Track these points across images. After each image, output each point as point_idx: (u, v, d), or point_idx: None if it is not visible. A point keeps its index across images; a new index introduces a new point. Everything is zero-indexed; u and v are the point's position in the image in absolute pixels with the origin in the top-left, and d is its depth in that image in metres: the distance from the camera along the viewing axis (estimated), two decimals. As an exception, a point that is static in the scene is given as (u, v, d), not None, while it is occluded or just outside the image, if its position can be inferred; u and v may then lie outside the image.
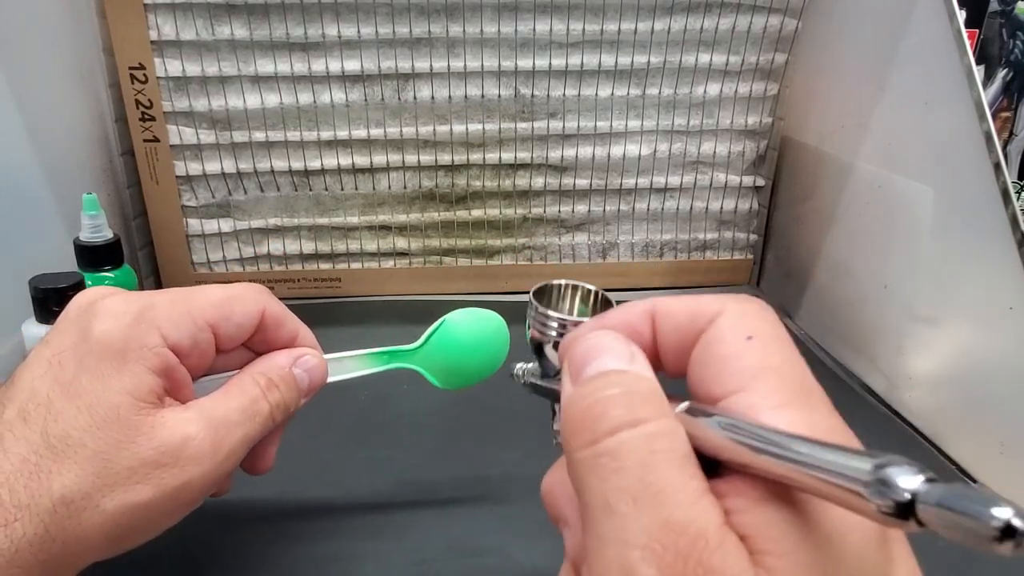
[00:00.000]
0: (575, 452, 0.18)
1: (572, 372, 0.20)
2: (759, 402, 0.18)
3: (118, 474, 0.25)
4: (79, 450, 0.24)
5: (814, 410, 0.18)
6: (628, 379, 0.19)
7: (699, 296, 0.21)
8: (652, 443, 0.17)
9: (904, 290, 0.50)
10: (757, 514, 0.17)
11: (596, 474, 0.18)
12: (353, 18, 0.57)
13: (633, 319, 0.22)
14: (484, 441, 0.45)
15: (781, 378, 0.19)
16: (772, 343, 0.20)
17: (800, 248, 0.64)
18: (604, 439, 0.18)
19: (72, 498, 0.24)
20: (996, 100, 0.95)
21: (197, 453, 0.26)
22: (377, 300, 0.65)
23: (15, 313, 0.43)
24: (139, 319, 0.27)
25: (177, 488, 0.26)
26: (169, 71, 0.57)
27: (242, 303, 0.30)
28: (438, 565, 0.35)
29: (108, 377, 0.26)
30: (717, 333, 0.20)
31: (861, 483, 0.14)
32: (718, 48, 0.61)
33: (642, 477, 0.17)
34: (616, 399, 0.18)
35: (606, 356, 0.20)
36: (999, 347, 0.42)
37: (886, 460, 0.14)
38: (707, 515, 0.16)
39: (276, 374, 0.30)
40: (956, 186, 0.45)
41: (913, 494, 0.14)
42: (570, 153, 0.63)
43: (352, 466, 0.42)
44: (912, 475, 0.14)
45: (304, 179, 0.62)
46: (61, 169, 0.53)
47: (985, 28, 0.93)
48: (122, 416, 0.25)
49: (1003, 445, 0.42)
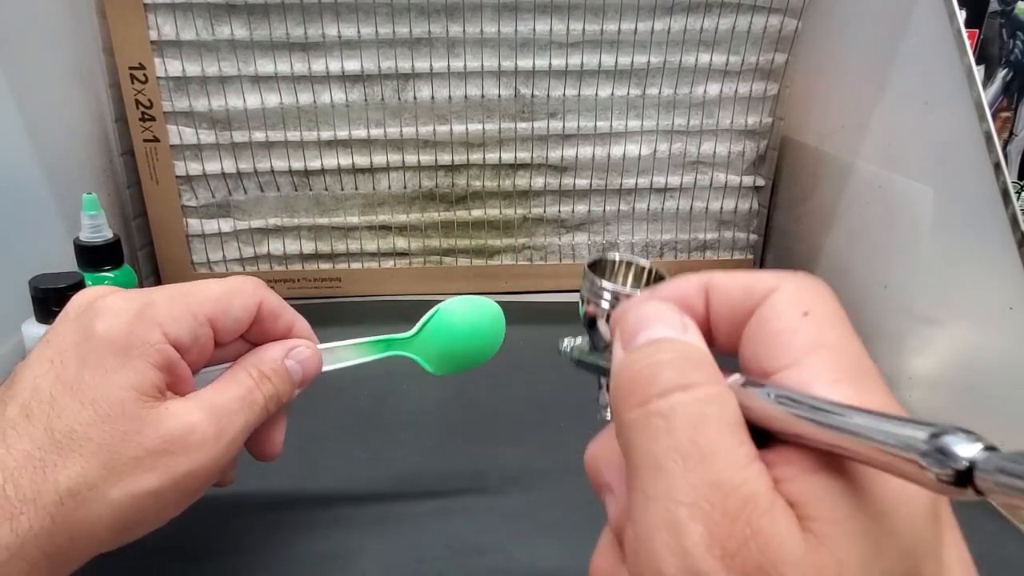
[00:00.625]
0: (626, 413, 0.18)
1: (624, 339, 0.20)
2: (813, 377, 0.18)
3: (125, 464, 0.25)
4: (84, 444, 0.25)
5: (869, 388, 0.18)
6: (680, 346, 0.19)
7: (755, 272, 0.21)
8: (704, 407, 0.17)
9: (904, 290, 0.50)
10: (808, 482, 0.17)
11: (647, 434, 0.18)
12: (353, 18, 0.57)
13: (687, 292, 0.22)
14: (484, 440, 0.45)
15: (836, 355, 0.19)
16: (828, 320, 0.19)
17: (800, 248, 0.64)
18: (656, 400, 0.18)
19: (78, 490, 0.24)
20: (996, 100, 0.95)
21: (202, 440, 0.27)
22: (377, 300, 0.65)
23: (15, 313, 0.43)
24: (140, 316, 0.27)
25: (184, 475, 0.26)
26: (169, 71, 0.57)
27: (240, 297, 0.30)
28: (438, 564, 0.35)
29: (111, 373, 0.26)
30: (772, 309, 0.20)
31: (918, 452, 0.14)
32: (718, 48, 0.61)
33: (693, 438, 0.17)
34: (669, 363, 0.19)
35: (659, 325, 0.20)
36: (999, 347, 0.42)
37: (943, 428, 0.14)
38: (757, 479, 0.17)
39: (268, 367, 0.31)
40: (956, 186, 0.45)
41: (971, 462, 0.14)
42: (570, 153, 0.63)
43: (352, 465, 0.42)
44: (970, 443, 0.14)
45: (304, 179, 0.62)
46: (61, 169, 0.53)
47: (985, 28, 0.93)
48: (127, 410, 0.25)
49: (1003, 445, 0.42)
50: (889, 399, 0.18)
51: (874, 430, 0.15)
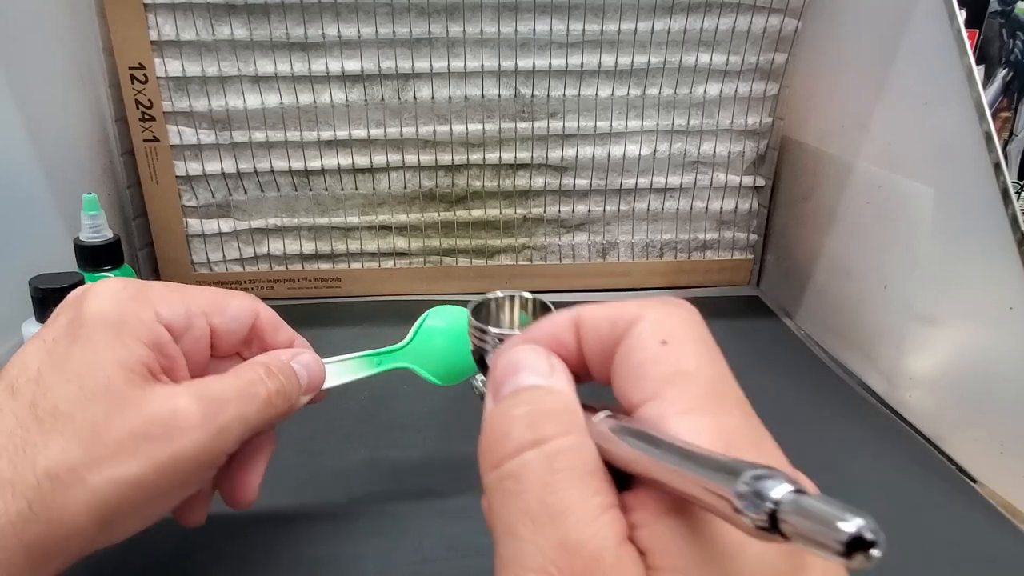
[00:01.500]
0: (484, 475, 0.18)
1: (492, 390, 0.20)
2: (668, 408, 0.18)
3: (106, 447, 0.24)
4: (67, 422, 0.24)
5: (724, 414, 0.18)
6: (539, 396, 0.19)
7: (621, 302, 0.21)
8: (553, 462, 0.17)
9: (904, 290, 0.50)
10: (657, 528, 0.17)
11: (500, 497, 0.18)
12: (353, 18, 0.57)
13: (559, 329, 0.22)
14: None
15: (692, 383, 0.19)
16: (687, 347, 0.19)
17: (800, 248, 0.64)
18: (507, 461, 0.18)
19: (57, 471, 0.23)
20: (996, 100, 0.95)
21: (186, 425, 0.25)
22: (377, 300, 0.65)
23: (15, 313, 0.43)
24: (134, 296, 0.27)
25: (166, 462, 0.25)
26: (169, 71, 0.57)
27: (237, 300, 0.30)
28: (438, 565, 0.35)
29: (100, 348, 0.25)
30: (634, 339, 0.20)
31: (736, 494, 0.14)
32: (718, 48, 0.61)
33: (542, 498, 0.17)
34: (521, 418, 0.18)
35: (523, 372, 0.20)
36: (999, 347, 0.42)
37: (762, 471, 0.14)
38: (605, 532, 0.16)
39: (276, 364, 0.30)
40: (956, 186, 0.45)
41: (776, 504, 0.13)
42: (570, 153, 0.63)
43: (352, 466, 0.42)
44: (780, 484, 0.13)
45: (304, 179, 0.62)
46: (61, 169, 0.53)
47: (985, 28, 0.93)
48: (112, 387, 0.25)
49: (1003, 445, 0.42)
50: (747, 423, 0.18)
51: (697, 470, 0.15)
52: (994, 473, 0.42)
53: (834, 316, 0.57)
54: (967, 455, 0.44)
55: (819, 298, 0.60)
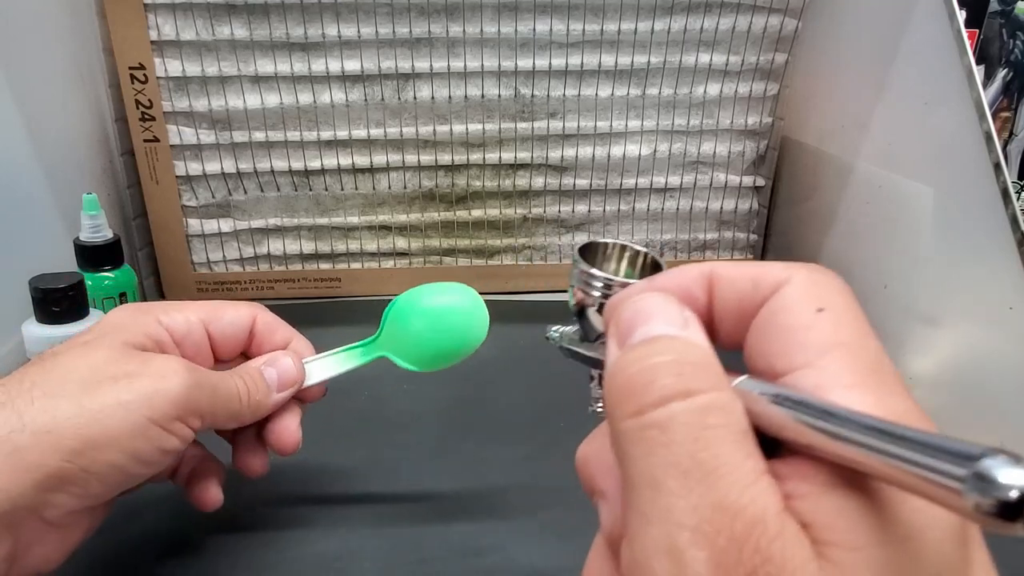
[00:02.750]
0: (620, 422, 0.17)
1: (619, 336, 0.19)
2: (829, 380, 0.17)
3: (100, 380, 0.27)
4: (70, 368, 0.27)
5: (890, 392, 0.17)
6: (680, 346, 0.18)
7: (763, 263, 0.20)
8: (706, 416, 0.16)
9: (904, 290, 0.50)
10: (823, 501, 0.15)
11: (642, 447, 0.16)
12: (353, 18, 0.57)
13: (688, 282, 0.20)
14: (484, 441, 0.45)
15: (854, 356, 0.17)
16: (844, 317, 0.18)
17: (800, 248, 0.64)
18: (652, 410, 0.16)
19: (53, 394, 0.26)
20: (996, 100, 0.95)
21: (172, 371, 0.28)
22: (377, 300, 0.65)
23: (15, 313, 0.43)
24: (139, 307, 0.32)
25: (152, 393, 0.27)
26: (169, 71, 0.57)
27: (234, 308, 0.33)
28: (438, 565, 0.35)
29: (105, 336, 0.29)
30: (783, 302, 0.18)
31: (956, 476, 0.13)
32: (718, 48, 0.61)
33: (694, 453, 0.16)
34: (666, 367, 0.17)
35: (656, 320, 0.18)
36: (999, 347, 0.42)
37: (986, 451, 0.13)
38: (765, 498, 0.15)
39: (245, 370, 0.33)
40: (956, 186, 0.45)
41: (1021, 491, 0.12)
42: (570, 153, 0.63)
43: (352, 465, 0.42)
44: (1019, 469, 0.12)
45: (304, 179, 0.62)
46: (61, 169, 0.53)
47: (985, 28, 0.93)
48: (112, 350, 0.28)
49: (1003, 445, 0.42)
50: (912, 406, 0.17)
51: (903, 449, 0.14)
52: (994, 473, 0.42)
53: (834, 316, 0.57)
54: (967, 455, 0.44)
55: (819, 298, 0.60)
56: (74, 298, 0.41)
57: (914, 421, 0.16)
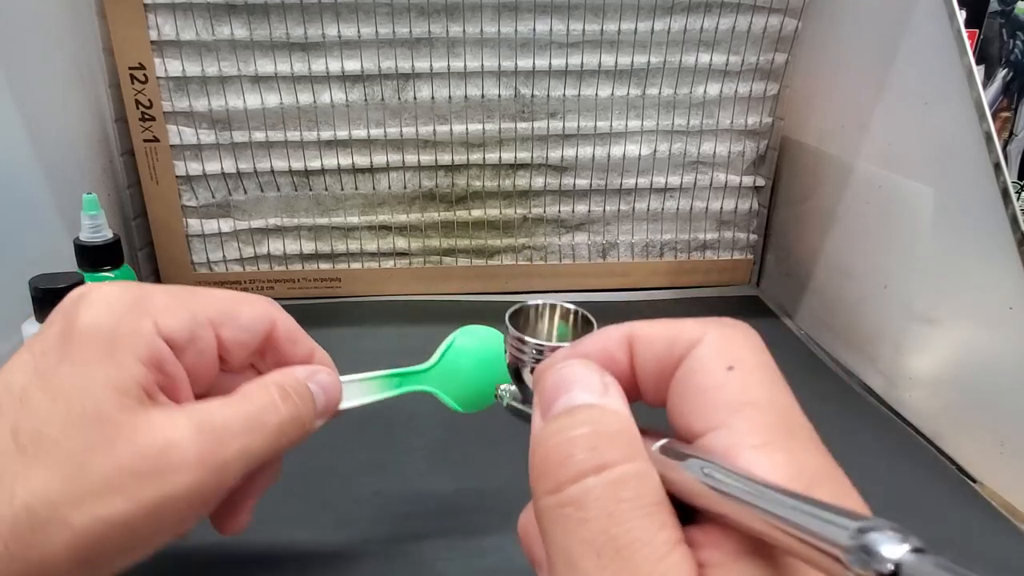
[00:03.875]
0: (540, 499, 0.17)
1: (542, 406, 0.19)
2: (739, 440, 0.17)
3: (91, 482, 0.21)
4: (50, 450, 0.21)
5: (800, 449, 0.17)
6: (597, 415, 0.18)
7: (679, 321, 0.20)
8: (619, 490, 0.16)
9: (904, 290, 0.50)
10: (732, 570, 0.16)
11: (560, 525, 0.17)
12: (353, 18, 0.57)
13: (610, 345, 0.21)
14: (485, 442, 0.45)
15: (763, 413, 0.18)
16: (755, 374, 0.18)
17: (800, 248, 0.64)
18: (568, 486, 0.17)
19: (36, 508, 0.21)
20: (996, 100, 0.95)
21: (181, 463, 0.23)
22: (377, 300, 0.65)
23: (15, 313, 0.43)
24: (132, 306, 0.24)
25: (156, 503, 0.22)
26: (169, 71, 0.57)
27: (249, 306, 0.27)
28: (439, 565, 0.35)
29: (91, 366, 0.23)
30: (696, 362, 0.19)
31: (841, 547, 0.13)
32: (718, 48, 0.61)
33: (607, 528, 0.16)
34: (581, 440, 0.17)
35: (576, 389, 0.19)
36: (999, 347, 0.42)
37: (870, 524, 0.13)
38: (676, 572, 0.15)
39: (292, 384, 0.27)
40: (956, 186, 0.45)
41: (897, 565, 0.12)
42: (570, 153, 0.63)
43: (353, 466, 0.42)
44: (897, 543, 0.13)
45: (304, 179, 0.62)
46: (61, 169, 0.53)
47: (985, 28, 0.93)
48: (102, 412, 0.22)
49: (1003, 445, 0.42)
50: (823, 460, 0.17)
51: (794, 517, 0.14)
52: (994, 473, 0.42)
53: (834, 316, 0.57)
54: (967, 455, 0.44)
55: (819, 298, 0.60)
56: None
57: (825, 478, 0.17)
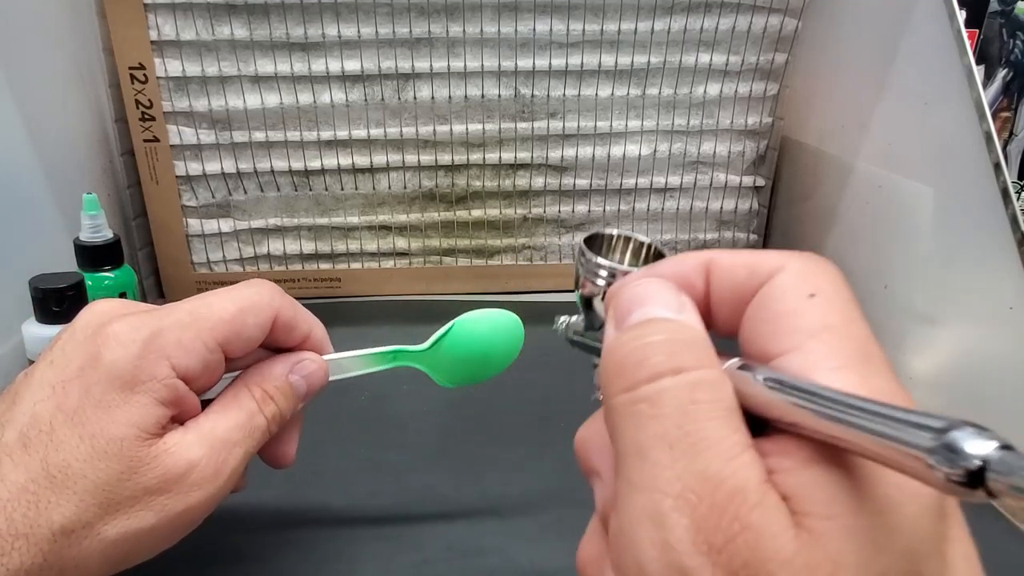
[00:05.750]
0: (612, 398, 0.18)
1: (616, 318, 0.19)
2: (816, 362, 0.17)
3: (120, 504, 0.24)
4: (79, 481, 0.24)
5: (875, 374, 0.17)
6: (673, 326, 0.18)
7: (759, 251, 0.20)
8: (694, 392, 0.17)
9: (904, 290, 0.50)
10: (803, 475, 0.16)
11: (632, 420, 0.17)
12: (353, 18, 0.57)
13: (686, 270, 0.21)
14: (484, 441, 0.45)
15: (841, 339, 0.18)
16: (834, 302, 0.18)
17: (800, 248, 0.63)
18: (643, 385, 0.17)
19: (72, 528, 0.24)
20: (996, 100, 0.95)
21: (201, 479, 0.26)
22: (377, 300, 0.65)
23: (15, 313, 0.43)
24: (148, 348, 0.26)
25: (180, 513, 0.26)
26: (169, 71, 0.57)
27: (254, 315, 0.29)
28: (438, 565, 0.35)
29: (113, 408, 0.25)
30: (776, 289, 0.19)
31: (925, 448, 0.13)
32: (718, 48, 0.61)
33: (681, 425, 0.16)
34: (659, 345, 0.18)
35: (653, 304, 0.19)
36: (999, 347, 0.42)
37: (952, 423, 0.13)
38: (748, 470, 0.16)
39: (272, 385, 0.29)
40: (956, 186, 0.45)
41: (984, 461, 0.12)
42: (570, 153, 0.63)
43: (352, 466, 0.42)
44: (983, 440, 0.13)
45: (304, 179, 0.62)
46: (61, 169, 0.53)
47: (985, 28, 0.93)
48: (125, 448, 0.25)
49: (1003, 445, 0.42)
50: (896, 386, 0.17)
51: (876, 423, 0.14)
52: (994, 473, 0.42)
53: (834, 316, 0.57)
54: (967, 455, 0.44)
55: (819, 298, 0.60)
56: (74, 298, 0.41)
57: (895, 399, 0.17)
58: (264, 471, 0.33)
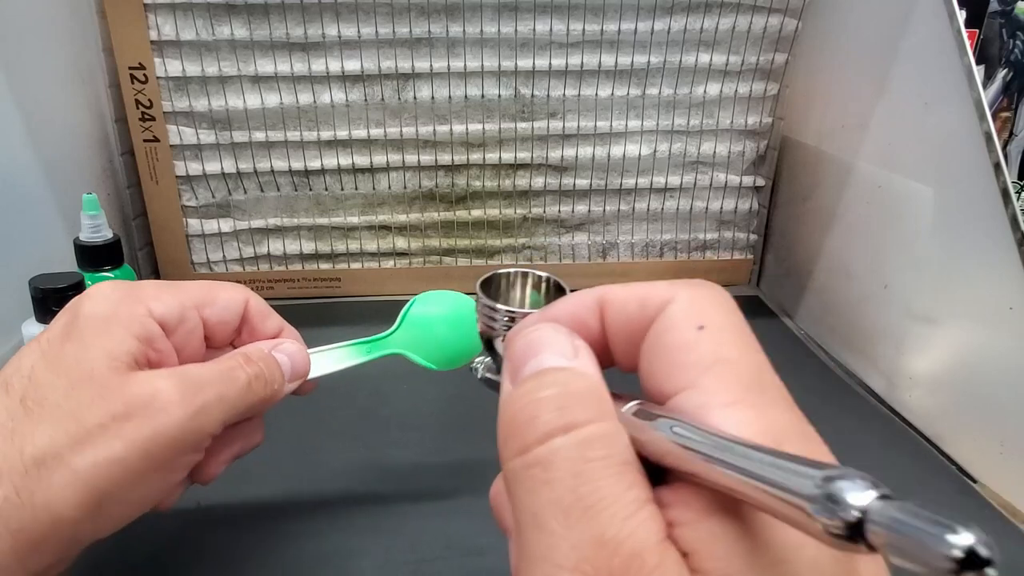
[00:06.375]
0: (507, 461, 0.17)
1: (511, 370, 0.19)
2: (709, 400, 0.17)
3: (89, 431, 0.24)
4: (53, 411, 0.24)
5: (770, 406, 0.17)
6: (565, 378, 0.18)
7: (650, 283, 0.20)
8: (586, 450, 0.16)
9: (904, 290, 0.50)
10: (702, 528, 0.15)
11: (526, 486, 0.16)
12: (353, 18, 0.57)
13: (581, 309, 0.20)
14: (483, 440, 0.44)
15: (734, 372, 0.17)
16: (725, 332, 0.18)
17: (800, 248, 0.64)
18: (535, 447, 0.16)
19: (43, 457, 0.24)
20: (996, 100, 0.95)
21: (166, 403, 0.26)
22: (377, 300, 0.65)
23: (15, 313, 0.43)
24: (127, 295, 0.28)
25: (147, 440, 0.25)
26: (169, 71, 0.57)
27: (227, 291, 0.31)
28: (437, 564, 0.35)
29: (89, 342, 0.26)
30: (667, 322, 0.19)
31: (806, 496, 0.13)
32: (718, 48, 0.61)
33: (574, 488, 0.15)
34: (549, 401, 0.17)
35: (546, 352, 0.19)
36: (999, 347, 0.42)
37: (836, 472, 0.12)
38: (644, 530, 0.15)
39: (254, 352, 0.30)
40: (956, 186, 0.45)
41: (863, 512, 0.12)
42: (570, 153, 0.63)
43: (351, 465, 0.42)
44: (863, 490, 0.12)
45: (304, 179, 0.62)
46: (61, 169, 0.53)
47: (985, 28, 0.93)
48: (96, 374, 0.25)
49: (1003, 445, 0.42)
50: (792, 417, 0.17)
51: (760, 470, 0.14)
52: (994, 473, 0.42)
53: (834, 316, 0.57)
54: (967, 455, 0.44)
55: (819, 298, 0.60)
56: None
57: (794, 434, 0.17)
58: (263, 470, 0.33)
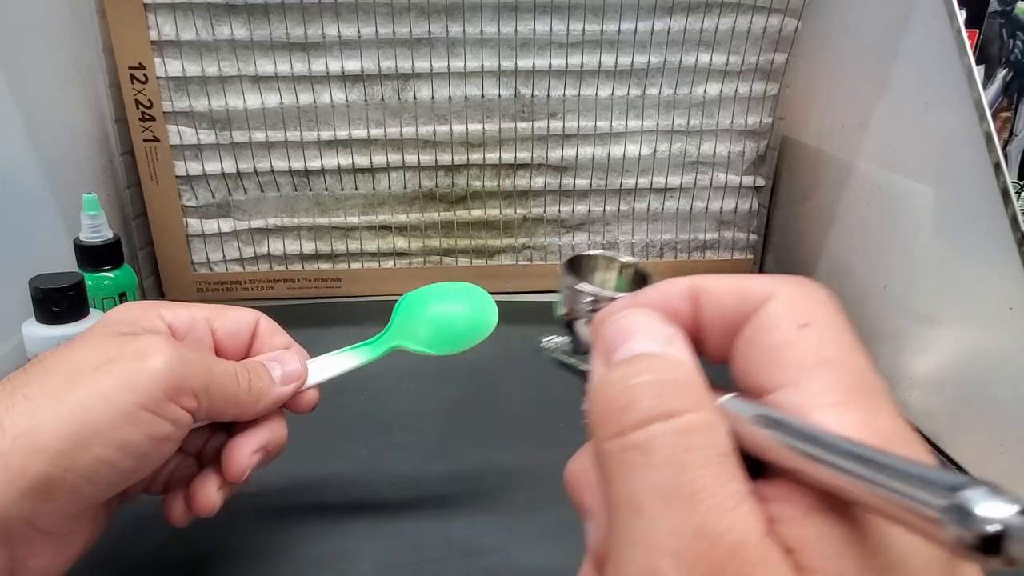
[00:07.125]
0: (602, 443, 0.17)
1: (602, 353, 0.19)
2: (813, 399, 0.16)
3: (83, 374, 0.25)
4: (51, 367, 0.26)
5: (875, 410, 0.16)
6: (662, 364, 0.17)
7: (747, 276, 0.19)
8: (687, 438, 0.16)
9: (904, 290, 0.50)
10: (808, 525, 0.15)
11: (623, 469, 0.16)
12: (353, 18, 0.57)
13: (673, 297, 0.20)
14: (484, 441, 0.45)
15: (838, 373, 0.17)
16: (829, 332, 0.18)
17: (800, 248, 0.64)
18: (633, 431, 0.16)
19: (33, 395, 0.25)
20: (996, 100, 0.95)
21: (156, 347, 0.27)
22: (377, 300, 0.65)
23: (15, 313, 0.43)
24: (142, 304, 0.31)
25: (133, 372, 0.26)
26: (169, 71, 0.57)
27: (238, 310, 0.33)
28: (438, 565, 0.35)
29: (92, 332, 0.28)
30: (767, 319, 0.18)
31: (935, 507, 0.12)
32: (718, 48, 0.61)
33: (674, 476, 0.15)
34: (648, 387, 0.17)
35: (640, 337, 0.18)
36: (999, 347, 0.42)
37: (966, 481, 0.12)
38: (746, 524, 0.15)
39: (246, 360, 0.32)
40: (956, 186, 0.45)
41: (1005, 526, 0.12)
42: (570, 153, 0.63)
43: (352, 465, 0.42)
44: (1000, 502, 0.12)
45: (304, 179, 0.62)
46: (61, 169, 0.53)
47: (985, 28, 0.93)
48: (95, 343, 0.27)
49: (1003, 445, 0.42)
50: (898, 423, 0.17)
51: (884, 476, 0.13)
52: (994, 473, 0.42)
53: (834, 316, 0.57)
54: (967, 455, 0.44)
55: (819, 298, 0.60)
56: (74, 298, 0.41)
57: (900, 440, 0.16)
58: (264, 471, 0.33)
